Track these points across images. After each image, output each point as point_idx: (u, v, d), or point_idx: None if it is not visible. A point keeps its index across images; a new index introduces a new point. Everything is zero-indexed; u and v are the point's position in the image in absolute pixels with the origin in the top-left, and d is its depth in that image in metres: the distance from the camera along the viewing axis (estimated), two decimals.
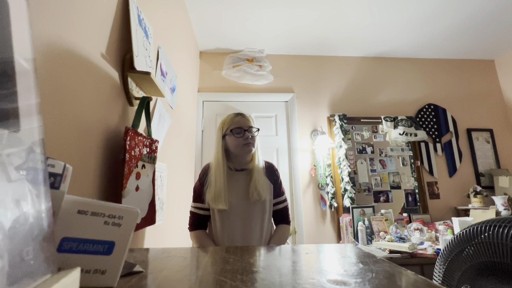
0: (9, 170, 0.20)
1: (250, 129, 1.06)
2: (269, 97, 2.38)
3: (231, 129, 1.05)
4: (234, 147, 1.06)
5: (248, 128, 1.06)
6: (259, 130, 1.10)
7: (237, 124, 1.06)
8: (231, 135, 1.05)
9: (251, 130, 1.07)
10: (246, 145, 1.04)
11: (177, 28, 1.53)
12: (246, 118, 1.08)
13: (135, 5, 0.85)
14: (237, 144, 1.05)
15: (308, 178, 2.23)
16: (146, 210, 0.87)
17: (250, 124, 1.07)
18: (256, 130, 1.08)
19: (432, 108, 2.49)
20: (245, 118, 1.08)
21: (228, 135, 1.06)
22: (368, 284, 0.36)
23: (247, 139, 1.04)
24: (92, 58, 0.64)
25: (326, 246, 0.64)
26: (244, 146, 1.04)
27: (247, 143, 1.04)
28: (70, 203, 0.33)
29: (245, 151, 1.05)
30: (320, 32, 2.17)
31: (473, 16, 2.00)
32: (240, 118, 1.08)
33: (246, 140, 1.04)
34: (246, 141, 1.04)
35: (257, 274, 0.41)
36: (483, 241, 0.84)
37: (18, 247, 0.20)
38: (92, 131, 0.64)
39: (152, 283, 0.39)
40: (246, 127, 1.06)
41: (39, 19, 0.46)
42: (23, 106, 0.22)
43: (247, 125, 1.06)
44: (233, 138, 1.05)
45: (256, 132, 1.08)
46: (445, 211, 2.26)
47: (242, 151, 1.05)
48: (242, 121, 1.07)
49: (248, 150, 1.05)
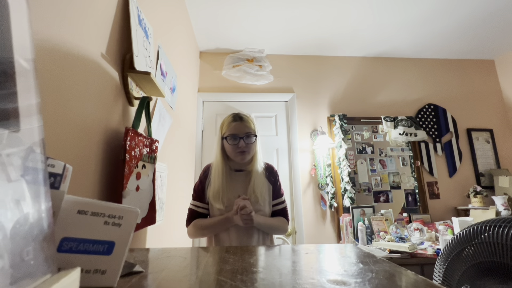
0: (9, 170, 0.20)
1: (247, 136, 1.03)
2: (269, 97, 2.38)
3: (226, 136, 1.04)
4: (229, 153, 1.06)
5: (244, 135, 1.03)
6: (257, 137, 1.06)
7: (233, 131, 1.03)
8: (226, 141, 1.04)
9: (247, 137, 1.04)
10: (240, 153, 1.03)
11: (177, 28, 1.53)
12: (243, 124, 1.04)
13: (135, 5, 0.85)
14: (231, 152, 1.04)
15: (308, 178, 2.23)
16: (146, 210, 0.87)
17: (246, 130, 1.04)
18: (253, 136, 1.05)
19: (432, 108, 2.49)
20: (242, 123, 1.04)
21: (224, 140, 1.06)
22: (368, 284, 0.36)
23: (241, 147, 1.02)
24: (92, 58, 0.64)
25: (326, 246, 0.64)
26: (237, 154, 1.03)
27: (241, 152, 1.02)
28: (70, 203, 0.32)
29: (238, 159, 1.04)
30: (320, 32, 2.17)
31: (473, 16, 2.00)
32: (236, 124, 1.04)
33: (240, 148, 1.02)
34: (240, 149, 1.02)
35: (257, 274, 0.41)
36: (483, 241, 0.84)
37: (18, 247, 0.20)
38: (92, 131, 0.64)
39: (152, 283, 0.39)
40: (242, 134, 1.03)
41: (39, 19, 0.46)
42: (23, 106, 0.22)
43: (243, 132, 1.03)
44: (228, 145, 1.04)
45: (254, 139, 1.05)
46: (445, 211, 2.26)
47: (236, 159, 1.05)
48: (238, 127, 1.04)
49: (241, 158, 1.03)
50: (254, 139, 1.06)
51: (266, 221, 1.04)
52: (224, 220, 0.99)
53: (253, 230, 1.03)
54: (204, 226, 1.03)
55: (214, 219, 1.03)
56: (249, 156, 1.06)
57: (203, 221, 1.04)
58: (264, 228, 1.05)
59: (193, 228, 1.04)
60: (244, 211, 0.94)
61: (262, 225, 1.03)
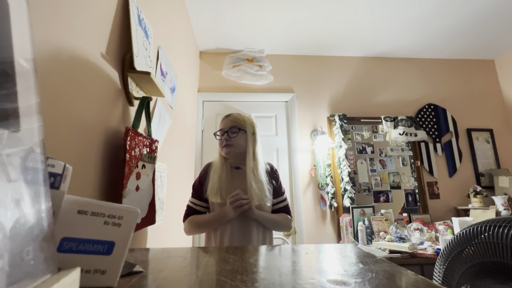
0: (9, 170, 0.20)
1: (231, 130, 1.08)
2: (269, 97, 2.38)
3: (215, 132, 1.12)
4: (219, 148, 1.11)
5: (228, 129, 1.08)
6: (241, 130, 1.08)
7: (220, 126, 1.12)
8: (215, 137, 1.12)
9: (231, 130, 1.08)
10: (225, 146, 1.07)
11: (177, 28, 1.53)
12: (229, 119, 1.10)
13: (135, 5, 0.85)
14: (219, 146, 1.10)
15: (308, 178, 2.23)
16: (146, 210, 0.87)
17: (231, 124, 1.08)
18: (236, 130, 1.07)
19: (432, 108, 2.49)
20: (228, 119, 1.10)
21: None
22: (368, 284, 0.36)
23: (224, 141, 1.07)
24: (92, 58, 0.64)
25: (326, 246, 0.64)
26: (223, 148, 1.07)
27: (224, 145, 1.07)
28: (70, 203, 0.32)
29: (223, 152, 1.08)
30: (320, 32, 2.17)
31: (473, 16, 2.00)
32: (224, 120, 1.12)
33: (224, 142, 1.07)
34: (224, 142, 1.07)
35: (257, 274, 0.41)
36: (483, 241, 0.84)
37: (18, 247, 0.20)
38: (92, 131, 0.64)
39: (152, 283, 0.39)
40: (226, 128, 1.09)
41: (39, 19, 0.46)
42: (23, 106, 0.22)
43: (228, 126, 1.09)
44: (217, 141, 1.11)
45: (236, 133, 1.07)
46: (445, 211, 2.26)
47: (222, 152, 1.09)
48: (225, 123, 1.11)
49: (226, 152, 1.07)
50: (237, 133, 1.08)
51: (269, 216, 1.05)
52: (220, 214, 1.00)
53: (252, 225, 1.02)
54: (200, 222, 1.04)
55: (209, 215, 1.04)
56: (235, 150, 1.07)
57: (199, 217, 1.05)
58: (268, 224, 1.05)
59: (189, 224, 1.05)
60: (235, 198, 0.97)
61: (265, 220, 1.03)
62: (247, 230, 1.02)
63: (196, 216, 1.06)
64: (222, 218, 1.00)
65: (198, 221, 1.04)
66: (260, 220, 1.03)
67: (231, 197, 0.98)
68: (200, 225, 1.04)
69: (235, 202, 0.97)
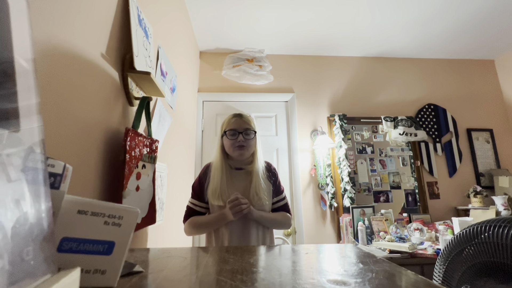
0: (9, 170, 0.20)
1: (246, 132, 1.05)
2: (269, 97, 2.38)
3: (226, 130, 1.06)
4: (227, 148, 1.07)
5: (243, 130, 1.05)
6: (256, 133, 1.08)
7: (232, 126, 1.06)
8: (226, 136, 1.06)
9: (246, 132, 1.05)
10: (238, 148, 1.04)
11: (177, 28, 1.53)
12: (243, 120, 1.07)
13: (135, 5, 0.85)
14: (229, 146, 1.05)
15: (308, 178, 2.23)
16: (146, 210, 0.87)
17: (246, 126, 1.06)
18: (252, 133, 1.07)
19: (432, 108, 2.49)
20: (242, 119, 1.07)
21: (224, 136, 1.07)
22: (368, 284, 0.36)
23: (240, 142, 1.03)
24: (92, 58, 0.64)
25: (326, 246, 0.64)
26: (236, 149, 1.04)
27: (239, 146, 1.04)
28: (70, 203, 0.32)
29: (236, 154, 1.05)
30: (320, 32, 2.17)
31: (473, 16, 2.00)
32: (236, 119, 1.07)
33: (239, 143, 1.03)
34: (238, 143, 1.03)
35: (257, 274, 0.41)
36: (483, 241, 0.84)
37: (18, 247, 0.20)
38: (92, 131, 0.64)
39: (152, 283, 0.39)
40: (241, 129, 1.05)
41: (39, 19, 0.46)
42: (23, 106, 0.22)
43: (242, 127, 1.05)
44: (227, 140, 1.06)
45: (253, 135, 1.07)
46: (445, 211, 2.26)
47: (234, 154, 1.06)
48: (238, 123, 1.06)
49: (239, 154, 1.04)
50: (253, 136, 1.07)
51: (268, 215, 1.05)
52: (219, 216, 1.00)
53: (252, 226, 1.02)
54: (200, 223, 1.04)
55: (209, 216, 1.04)
56: (247, 153, 1.06)
57: (199, 218, 1.05)
58: (267, 223, 1.05)
59: (189, 226, 1.05)
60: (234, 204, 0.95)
61: (265, 219, 1.03)
62: (247, 231, 1.02)
63: (196, 218, 1.06)
64: (222, 220, 1.00)
65: (198, 223, 1.04)
66: (260, 221, 1.03)
67: (230, 201, 0.97)
68: (200, 227, 1.04)
69: (234, 208, 0.95)
